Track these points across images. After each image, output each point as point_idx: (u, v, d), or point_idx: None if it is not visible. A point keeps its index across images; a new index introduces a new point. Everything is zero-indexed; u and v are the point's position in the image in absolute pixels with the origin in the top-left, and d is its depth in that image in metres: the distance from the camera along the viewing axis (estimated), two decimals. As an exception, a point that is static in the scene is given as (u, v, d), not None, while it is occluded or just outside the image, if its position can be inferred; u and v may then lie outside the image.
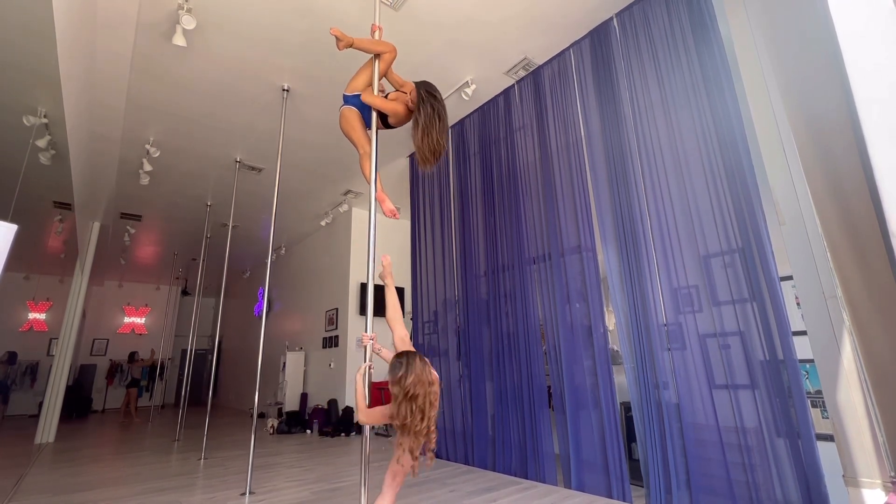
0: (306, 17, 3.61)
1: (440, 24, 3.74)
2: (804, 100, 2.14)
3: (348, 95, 2.62)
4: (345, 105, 2.62)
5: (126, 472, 4.45)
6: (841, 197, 1.94)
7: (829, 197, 2.00)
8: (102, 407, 11.43)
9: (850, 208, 1.90)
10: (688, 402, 2.81)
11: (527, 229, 4.12)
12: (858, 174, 1.81)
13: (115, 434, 7.41)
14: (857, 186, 1.84)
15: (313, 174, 6.40)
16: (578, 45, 3.89)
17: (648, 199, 3.21)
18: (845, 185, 1.91)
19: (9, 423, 6.93)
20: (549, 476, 3.58)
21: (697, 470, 2.72)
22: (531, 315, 3.95)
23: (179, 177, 6.31)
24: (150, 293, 12.99)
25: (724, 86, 2.89)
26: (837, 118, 1.91)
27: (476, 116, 4.89)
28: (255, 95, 4.58)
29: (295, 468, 4.41)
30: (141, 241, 9.13)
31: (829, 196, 1.99)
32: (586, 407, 3.41)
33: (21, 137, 3.35)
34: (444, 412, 4.75)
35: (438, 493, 3.41)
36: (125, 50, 3.85)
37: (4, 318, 5.07)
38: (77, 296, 7.09)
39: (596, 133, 3.67)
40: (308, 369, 8.23)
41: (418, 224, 5.51)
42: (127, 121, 4.88)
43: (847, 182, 1.89)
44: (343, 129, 2.60)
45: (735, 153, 2.78)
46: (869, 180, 1.65)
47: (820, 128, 2.03)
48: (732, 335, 2.69)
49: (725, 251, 2.78)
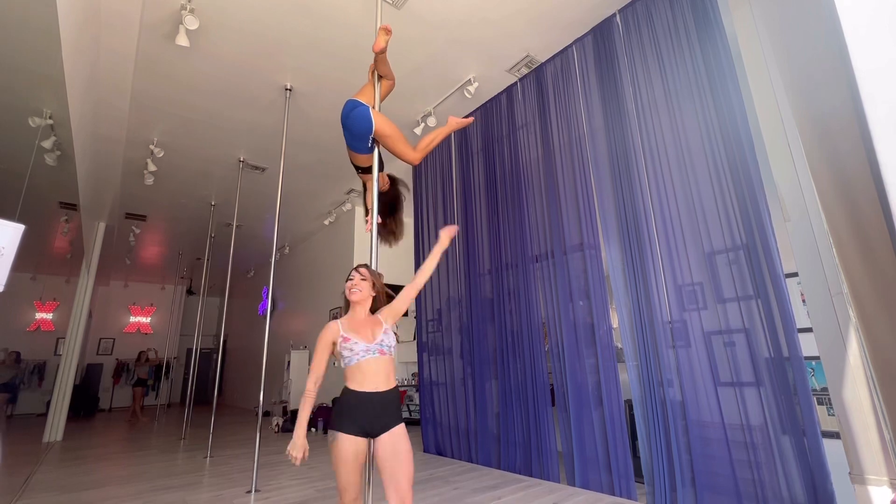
0: (308, 17, 3.61)
1: (442, 21, 3.73)
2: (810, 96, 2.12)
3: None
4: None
5: (133, 470, 4.49)
6: (847, 193, 1.93)
7: (834, 193, 1.98)
8: (109, 406, 11.52)
9: (856, 204, 1.89)
10: (692, 400, 2.80)
11: (530, 227, 4.12)
12: (865, 170, 1.80)
13: (122, 433, 7.47)
14: (863, 182, 1.82)
15: (316, 173, 6.41)
16: (581, 41, 3.88)
17: (652, 196, 3.19)
18: (851, 181, 1.89)
19: (17, 422, 7.00)
20: (553, 474, 3.58)
21: (702, 468, 2.71)
22: (535, 313, 3.95)
23: (183, 177, 6.34)
24: (156, 293, 13.08)
25: (728, 81, 2.87)
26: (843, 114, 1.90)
27: (478, 114, 4.89)
28: (257, 95, 4.59)
29: (300, 466, 4.43)
30: (146, 241, 9.18)
31: (835, 192, 1.98)
32: (590, 405, 3.41)
33: (27, 138, 3.37)
34: (449, 410, 4.75)
35: (443, 490, 3.42)
36: (129, 51, 3.87)
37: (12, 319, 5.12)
38: (83, 296, 7.15)
39: (599, 130, 3.66)
40: (312, 368, 8.25)
41: (421, 223, 5.51)
42: (131, 121, 4.90)
43: (853, 178, 1.88)
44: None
45: (739, 149, 2.76)
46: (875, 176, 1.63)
47: (826, 124, 2.02)
48: (737, 332, 2.68)
49: (730, 248, 2.77)
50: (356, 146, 2.42)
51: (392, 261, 7.06)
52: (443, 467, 4.17)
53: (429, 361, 5.17)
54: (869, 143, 1.33)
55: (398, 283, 7.66)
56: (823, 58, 2.01)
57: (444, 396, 4.83)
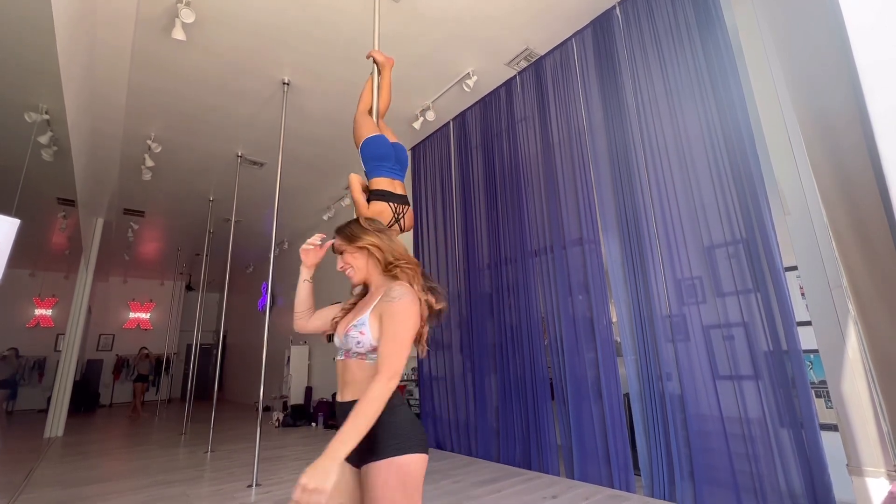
0: (306, 10, 3.58)
1: (441, 15, 3.70)
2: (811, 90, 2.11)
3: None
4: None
5: (134, 465, 4.51)
6: (847, 187, 1.92)
7: (835, 187, 1.98)
8: (110, 401, 11.55)
9: (856, 198, 1.89)
10: (691, 394, 2.82)
11: (529, 222, 4.11)
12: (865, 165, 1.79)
13: (122, 428, 7.49)
14: (863, 177, 1.82)
15: (315, 168, 6.39)
16: (580, 34, 3.85)
17: (652, 190, 3.18)
18: (852, 175, 1.89)
19: (18, 418, 7.02)
20: (552, 467, 3.60)
21: (701, 461, 2.73)
22: (534, 307, 3.95)
23: (181, 172, 6.31)
24: (155, 289, 13.06)
25: (728, 76, 2.85)
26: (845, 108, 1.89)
27: (477, 108, 4.86)
28: (255, 89, 4.55)
29: (300, 460, 4.45)
30: (144, 236, 9.16)
31: (836, 186, 1.97)
32: (589, 398, 3.42)
33: (23, 134, 3.34)
34: (449, 404, 4.77)
35: (443, 483, 3.44)
36: (125, 45, 3.83)
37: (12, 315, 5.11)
38: (82, 292, 7.14)
39: (599, 124, 3.64)
40: (312, 363, 8.29)
41: (420, 217, 5.50)
42: (128, 116, 4.87)
43: (854, 172, 1.87)
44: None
45: (739, 143, 2.75)
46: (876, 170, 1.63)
47: (827, 117, 2.01)
48: (736, 326, 2.69)
49: (729, 242, 2.77)
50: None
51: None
52: (443, 461, 4.19)
53: (428, 356, 5.18)
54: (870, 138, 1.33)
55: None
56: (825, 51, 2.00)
57: (444, 391, 4.85)
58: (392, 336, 1.17)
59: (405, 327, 1.19)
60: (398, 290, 1.22)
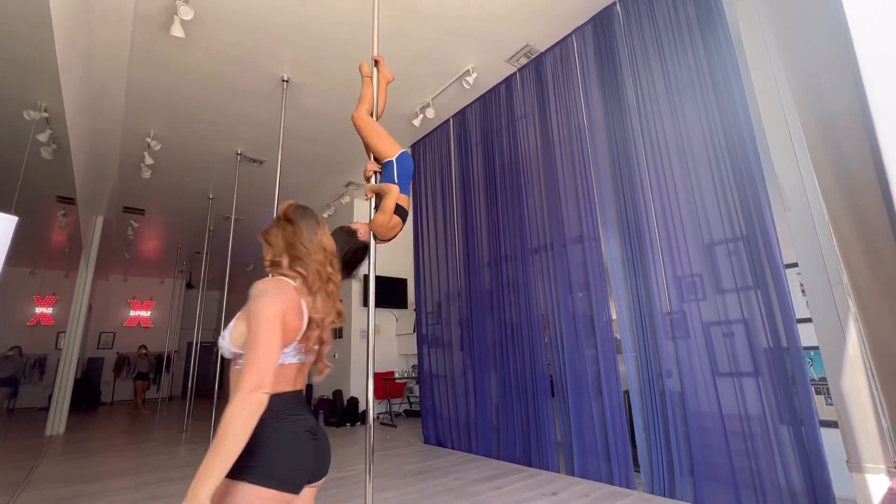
0: (305, 7, 3.57)
1: (440, 11, 3.68)
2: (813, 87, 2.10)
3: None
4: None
5: (136, 462, 4.52)
6: (848, 184, 1.92)
7: (836, 183, 1.97)
8: (111, 399, 11.57)
9: (857, 195, 1.88)
10: (691, 391, 2.82)
11: (529, 219, 4.11)
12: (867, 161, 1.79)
13: (123, 426, 7.51)
14: (864, 173, 1.81)
15: (314, 166, 6.38)
16: (581, 31, 3.83)
17: (652, 188, 3.18)
18: (853, 172, 1.88)
19: (19, 416, 7.03)
20: (552, 464, 3.61)
21: (700, 457, 2.73)
22: (534, 305, 3.95)
23: (181, 170, 6.30)
24: (155, 287, 13.07)
25: (729, 72, 2.84)
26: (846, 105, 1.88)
27: (477, 105, 4.85)
28: (254, 87, 4.54)
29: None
30: (144, 234, 9.15)
31: (837, 183, 1.97)
32: (589, 395, 3.42)
33: (22, 132, 3.34)
34: (449, 402, 4.78)
35: (443, 480, 3.45)
36: (123, 42, 3.82)
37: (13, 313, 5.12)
38: (82, 290, 7.14)
39: (599, 121, 3.63)
40: (312, 361, 8.29)
41: (421, 215, 5.50)
42: (127, 114, 4.86)
43: (855, 169, 1.87)
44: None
45: (740, 140, 2.75)
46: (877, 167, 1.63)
47: (828, 114, 2.00)
48: (736, 323, 2.69)
49: (730, 239, 2.76)
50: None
51: (392, 257, 7.07)
52: (443, 458, 4.20)
53: (428, 353, 5.19)
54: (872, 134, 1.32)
55: (399, 275, 7.57)
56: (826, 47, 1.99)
57: (444, 388, 4.86)
58: (251, 342, 1.02)
59: (259, 329, 1.02)
60: (257, 288, 1.10)
